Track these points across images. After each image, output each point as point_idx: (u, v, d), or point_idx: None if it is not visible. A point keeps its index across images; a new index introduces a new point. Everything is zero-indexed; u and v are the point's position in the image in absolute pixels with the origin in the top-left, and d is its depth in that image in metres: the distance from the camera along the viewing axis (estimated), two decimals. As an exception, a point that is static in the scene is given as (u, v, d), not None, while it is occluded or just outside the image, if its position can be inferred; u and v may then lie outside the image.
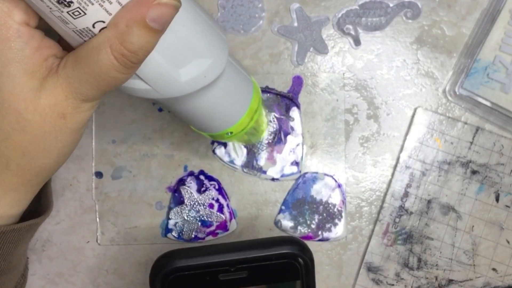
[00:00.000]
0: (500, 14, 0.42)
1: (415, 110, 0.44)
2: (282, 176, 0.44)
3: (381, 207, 0.44)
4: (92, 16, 0.23)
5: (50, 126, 0.27)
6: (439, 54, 0.44)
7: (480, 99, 0.43)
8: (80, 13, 0.23)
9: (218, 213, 0.44)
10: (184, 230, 0.44)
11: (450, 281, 0.43)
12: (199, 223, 0.44)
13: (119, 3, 0.24)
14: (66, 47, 0.27)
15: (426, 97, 0.44)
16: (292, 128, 0.44)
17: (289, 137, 0.44)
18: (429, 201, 0.43)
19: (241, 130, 0.35)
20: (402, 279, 0.44)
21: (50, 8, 0.23)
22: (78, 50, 0.25)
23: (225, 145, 0.44)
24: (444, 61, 0.44)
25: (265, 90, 0.44)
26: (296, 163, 0.44)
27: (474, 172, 0.43)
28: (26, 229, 0.32)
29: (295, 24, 0.44)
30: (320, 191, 0.44)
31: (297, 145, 0.44)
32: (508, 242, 0.43)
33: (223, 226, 0.44)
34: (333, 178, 0.44)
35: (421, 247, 0.43)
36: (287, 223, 0.44)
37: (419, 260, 0.43)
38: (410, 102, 0.44)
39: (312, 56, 0.44)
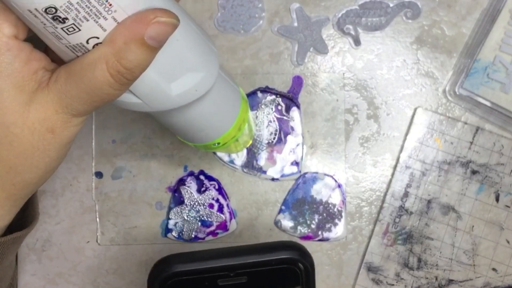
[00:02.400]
0: (500, 14, 0.42)
1: (415, 110, 0.44)
2: (282, 176, 0.44)
3: (381, 207, 0.44)
4: (86, 32, 0.23)
5: (38, 141, 0.26)
6: (439, 54, 0.44)
7: (480, 99, 0.43)
8: (74, 29, 0.23)
9: (218, 213, 0.44)
10: (184, 230, 0.44)
11: (450, 281, 0.43)
12: (199, 223, 0.44)
13: (114, 19, 0.23)
14: (55, 59, 0.27)
15: (426, 97, 0.44)
16: (292, 128, 0.44)
17: (289, 137, 0.44)
18: (429, 201, 0.43)
19: (229, 140, 0.36)
20: (402, 279, 0.44)
21: (44, 24, 0.23)
22: (71, 65, 0.25)
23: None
24: (444, 61, 0.44)
25: (265, 90, 0.44)
26: (296, 163, 0.44)
27: (474, 172, 0.43)
28: (11, 242, 0.32)
29: (295, 24, 0.44)
30: (320, 191, 0.44)
31: (297, 145, 0.44)
32: (508, 242, 0.43)
33: (223, 226, 0.44)
34: (333, 178, 0.44)
35: (421, 247, 0.43)
36: (287, 223, 0.44)
37: (419, 260, 0.43)
38: (410, 102, 0.44)
39: (312, 56, 0.44)
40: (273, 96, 0.44)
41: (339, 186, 0.44)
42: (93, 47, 0.24)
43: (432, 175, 0.43)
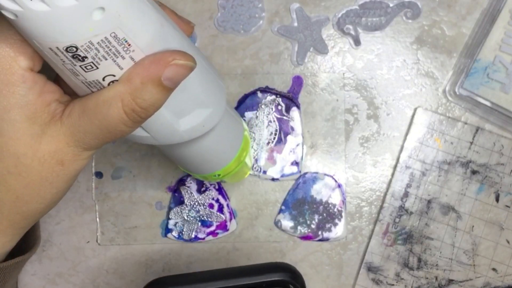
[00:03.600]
0: (500, 14, 0.42)
1: (415, 110, 0.44)
2: (282, 176, 0.44)
3: (381, 207, 0.44)
4: (104, 70, 0.24)
5: (47, 173, 0.27)
6: (439, 54, 0.44)
7: (480, 99, 0.43)
8: (92, 67, 0.23)
9: (218, 213, 0.44)
10: (184, 230, 0.44)
11: (450, 281, 0.43)
12: (199, 223, 0.44)
13: (131, 58, 0.24)
14: (67, 90, 0.27)
15: (426, 97, 0.44)
16: (292, 128, 0.44)
17: (289, 137, 0.44)
18: (429, 201, 0.43)
19: (229, 172, 0.36)
20: (402, 279, 0.44)
21: (63, 62, 0.23)
22: (85, 100, 0.25)
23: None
24: (444, 61, 0.44)
25: (265, 90, 0.44)
26: (296, 163, 0.44)
27: (474, 172, 0.43)
28: (13, 267, 0.32)
29: (295, 24, 0.44)
30: (320, 191, 0.44)
31: (297, 145, 0.44)
32: (508, 242, 0.43)
33: (223, 226, 0.44)
34: (333, 178, 0.44)
35: (421, 247, 0.43)
36: (287, 223, 0.44)
37: (419, 260, 0.43)
38: (410, 102, 0.44)
39: (312, 56, 0.44)
40: (273, 96, 0.44)
41: (339, 186, 0.44)
42: (109, 84, 0.24)
43: (432, 175, 0.43)
